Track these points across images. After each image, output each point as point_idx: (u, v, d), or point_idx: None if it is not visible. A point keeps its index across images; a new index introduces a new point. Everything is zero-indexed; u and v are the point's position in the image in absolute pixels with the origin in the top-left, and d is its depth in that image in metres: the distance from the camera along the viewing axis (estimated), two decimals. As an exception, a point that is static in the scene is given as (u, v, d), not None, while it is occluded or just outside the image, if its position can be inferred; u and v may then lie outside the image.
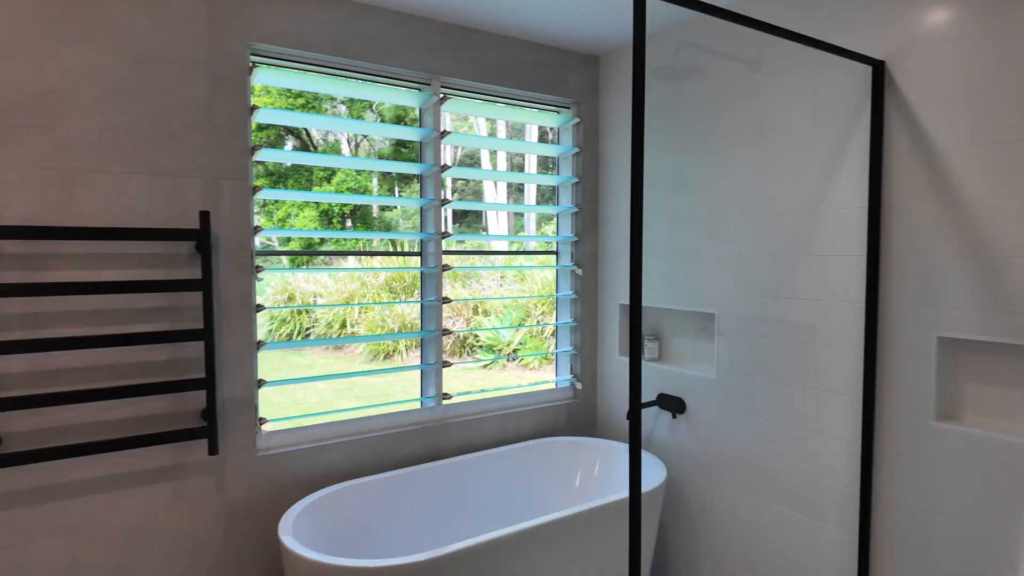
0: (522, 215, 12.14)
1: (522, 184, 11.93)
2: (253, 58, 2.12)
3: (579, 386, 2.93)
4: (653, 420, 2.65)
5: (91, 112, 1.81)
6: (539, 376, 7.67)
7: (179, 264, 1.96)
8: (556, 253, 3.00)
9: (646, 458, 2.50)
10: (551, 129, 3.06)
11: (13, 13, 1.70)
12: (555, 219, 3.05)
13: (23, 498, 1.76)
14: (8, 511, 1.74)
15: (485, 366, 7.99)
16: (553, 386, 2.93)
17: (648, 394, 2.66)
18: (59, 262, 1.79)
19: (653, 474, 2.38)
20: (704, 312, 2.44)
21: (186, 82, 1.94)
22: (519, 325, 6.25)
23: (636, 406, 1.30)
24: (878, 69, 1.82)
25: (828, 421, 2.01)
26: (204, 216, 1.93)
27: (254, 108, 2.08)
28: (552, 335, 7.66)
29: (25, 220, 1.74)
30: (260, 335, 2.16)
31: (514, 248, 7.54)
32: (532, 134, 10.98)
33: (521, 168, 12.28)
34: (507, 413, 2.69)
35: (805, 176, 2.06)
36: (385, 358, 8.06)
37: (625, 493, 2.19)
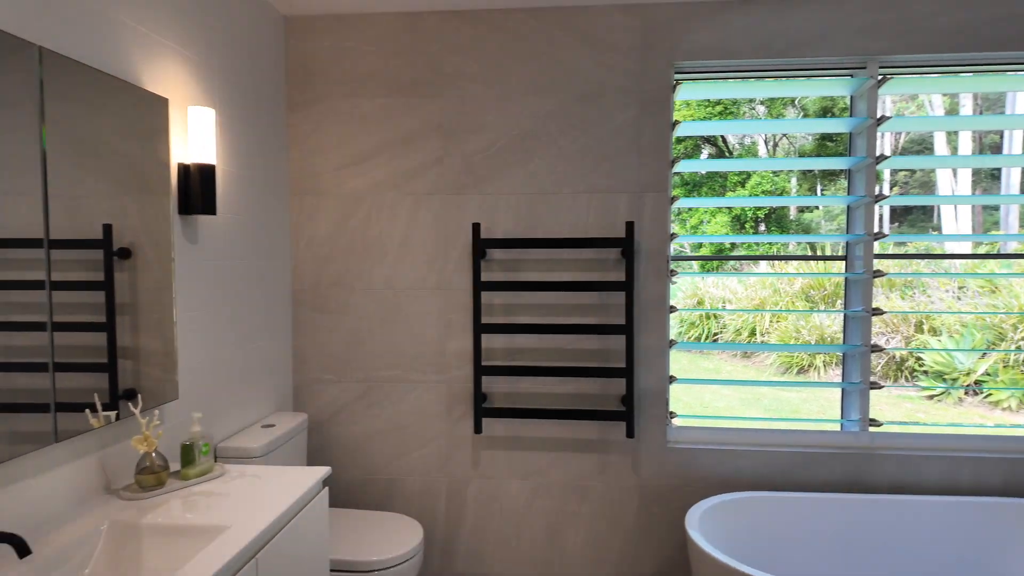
0: (996, 209, 9.47)
1: (997, 169, 9.28)
2: (677, 76, 2.28)
3: (1085, 438, 2.14)
4: None
5: (552, 146, 2.26)
6: (1015, 419, 5.86)
7: (608, 268, 2.27)
8: (1050, 257, 2.26)
9: None
10: (1047, 94, 2.32)
11: (506, 77, 2.26)
12: (1050, 212, 2.30)
13: (501, 443, 2.33)
14: (492, 451, 2.34)
15: (931, 396, 6.55)
16: (1038, 432, 2.22)
17: None
18: (526, 265, 2.30)
19: None
20: None
21: (620, 109, 2.23)
22: (986, 350, 4.88)
23: None
24: None
25: None
26: (629, 226, 2.18)
27: (675, 123, 2.24)
28: (1041, 366, 5.77)
29: (507, 234, 2.29)
30: (671, 335, 2.31)
31: (982, 251, 5.96)
32: (1019, 104, 8.44)
33: (997, 149, 9.58)
34: (961, 457, 2.18)
35: None
36: (798, 372, 7.45)
37: None
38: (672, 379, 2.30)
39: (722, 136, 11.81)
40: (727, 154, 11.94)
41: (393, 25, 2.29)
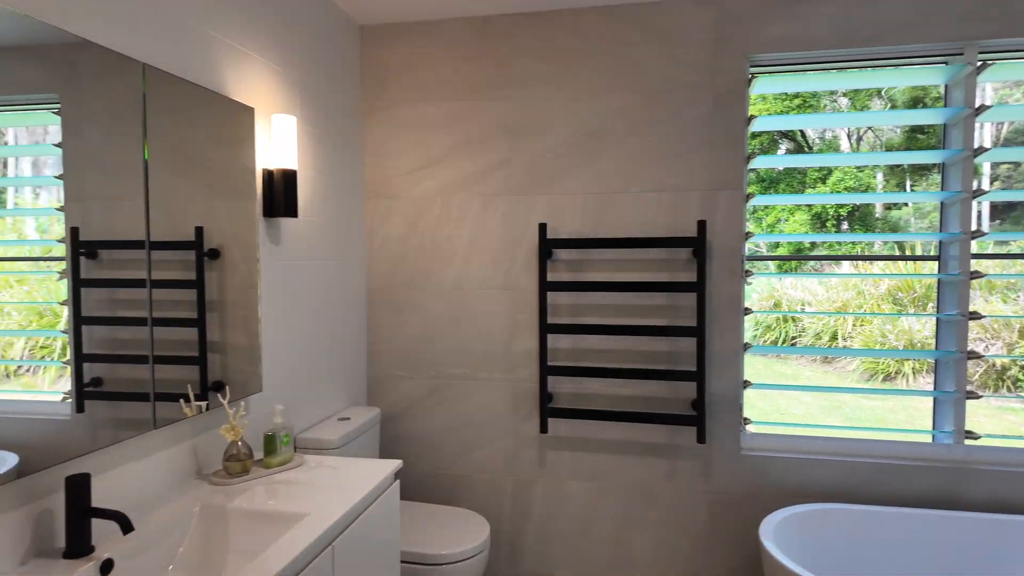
0: (1117, 204, 8.55)
1: (1119, 160, 8.37)
2: (752, 70, 2.20)
3: None
4: None
5: (620, 145, 2.23)
6: None
7: (678, 268, 2.21)
8: None
9: None
10: None
11: (574, 77, 2.26)
12: None
13: (567, 444, 2.33)
14: (558, 452, 2.34)
15: (1038, 408, 5.99)
16: None
17: None
18: (593, 265, 2.28)
19: None
20: None
21: (691, 105, 2.17)
22: (1104, 358, 4.43)
23: None
24: None
25: None
26: (701, 225, 2.13)
27: (750, 118, 2.16)
28: None
29: (573, 234, 2.29)
30: (745, 338, 2.23)
31: (1099, 251, 5.40)
32: None
33: (1118, 137, 8.65)
34: (1073, 474, 1.99)
35: None
36: (884, 379, 7.00)
37: None
38: (746, 384, 2.22)
39: (801, 130, 11.28)
40: (806, 149, 11.38)
41: (464, 30, 2.33)
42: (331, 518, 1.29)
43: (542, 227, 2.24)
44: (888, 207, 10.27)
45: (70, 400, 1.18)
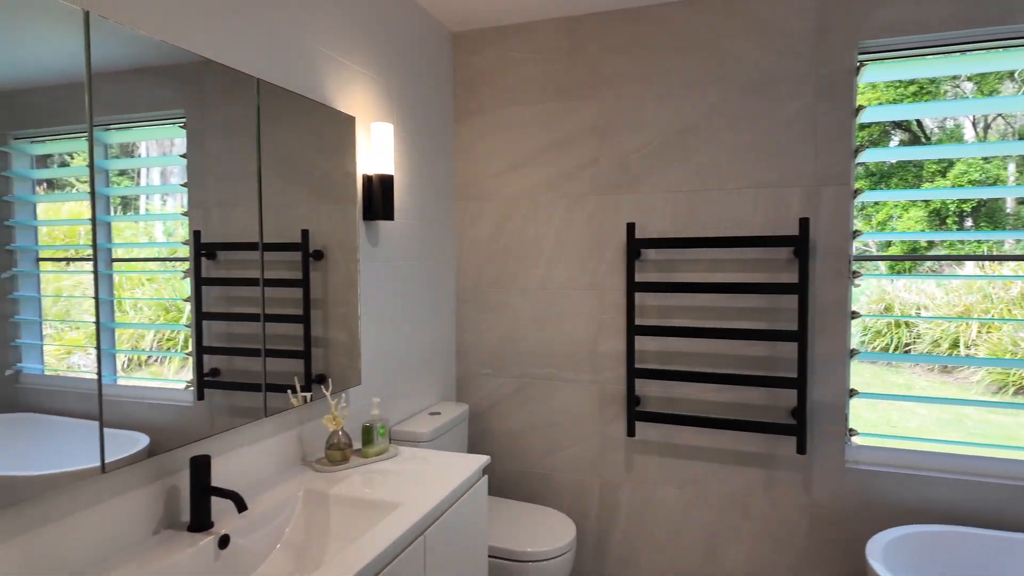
0: None
1: None
2: (860, 58, 2.05)
3: None
4: None
5: (715, 140, 2.16)
6: None
7: (778, 268, 2.10)
8: None
9: None
10: None
11: (665, 73, 2.20)
12: None
13: (655, 449, 2.28)
14: (646, 456, 2.29)
15: None
16: None
17: None
18: (683, 266, 2.22)
19: None
20: None
21: (792, 97, 2.06)
22: None
23: None
24: None
25: None
26: (803, 223, 2.01)
27: (859, 109, 2.02)
28: None
29: (662, 233, 2.23)
30: (852, 344, 2.09)
31: None
32: None
33: None
34: None
35: None
36: (1016, 392, 6.29)
37: None
38: (853, 392, 2.07)
39: (917, 120, 10.38)
40: (923, 140, 10.46)
41: (553, 32, 2.34)
42: (423, 509, 1.34)
43: (630, 227, 2.21)
44: (1022, 202, 9.21)
45: (192, 388, 1.30)
